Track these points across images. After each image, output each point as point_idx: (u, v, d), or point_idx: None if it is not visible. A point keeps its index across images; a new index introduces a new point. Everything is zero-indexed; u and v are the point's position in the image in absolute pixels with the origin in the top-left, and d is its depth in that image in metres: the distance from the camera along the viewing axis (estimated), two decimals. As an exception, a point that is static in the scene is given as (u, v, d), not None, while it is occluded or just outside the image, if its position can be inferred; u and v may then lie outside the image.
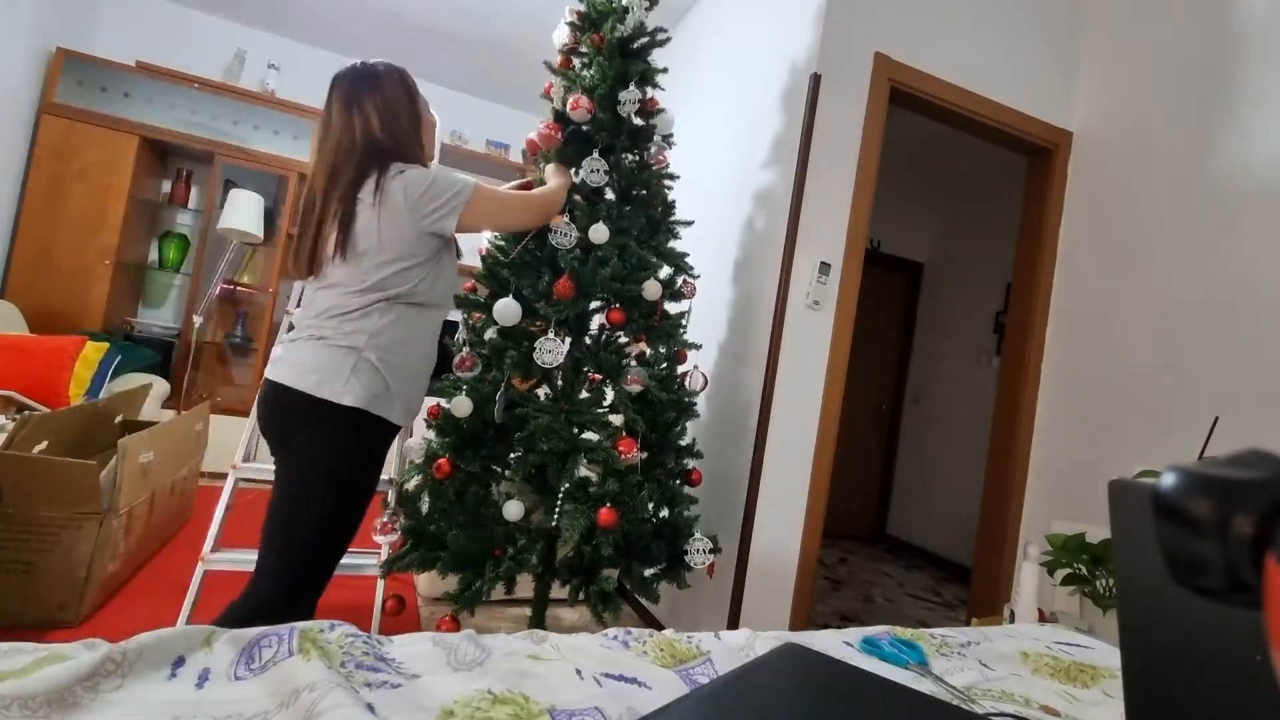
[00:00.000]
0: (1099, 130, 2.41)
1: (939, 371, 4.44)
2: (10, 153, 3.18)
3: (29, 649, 0.57)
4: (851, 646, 0.90)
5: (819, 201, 2.06)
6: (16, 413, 2.41)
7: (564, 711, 0.61)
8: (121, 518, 1.93)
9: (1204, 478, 0.25)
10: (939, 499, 4.22)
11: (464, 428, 1.64)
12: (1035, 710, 0.77)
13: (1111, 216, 2.29)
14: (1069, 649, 1.02)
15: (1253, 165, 1.88)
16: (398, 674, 0.64)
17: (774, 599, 2.02)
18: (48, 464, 1.77)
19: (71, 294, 3.30)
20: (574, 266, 1.63)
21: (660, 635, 0.82)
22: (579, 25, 1.81)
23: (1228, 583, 0.24)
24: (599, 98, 1.69)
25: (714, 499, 2.17)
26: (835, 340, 2.08)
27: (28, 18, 3.13)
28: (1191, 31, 2.12)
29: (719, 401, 2.29)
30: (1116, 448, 2.11)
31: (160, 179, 3.80)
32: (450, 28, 3.65)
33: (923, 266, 4.70)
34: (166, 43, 3.76)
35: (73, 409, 2.22)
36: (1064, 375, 2.36)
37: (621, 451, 1.56)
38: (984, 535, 2.48)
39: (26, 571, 1.75)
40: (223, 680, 0.59)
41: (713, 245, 2.46)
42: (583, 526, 1.48)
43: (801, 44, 2.15)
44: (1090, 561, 1.59)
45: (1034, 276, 2.47)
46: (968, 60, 2.29)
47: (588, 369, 1.71)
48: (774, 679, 0.65)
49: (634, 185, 1.80)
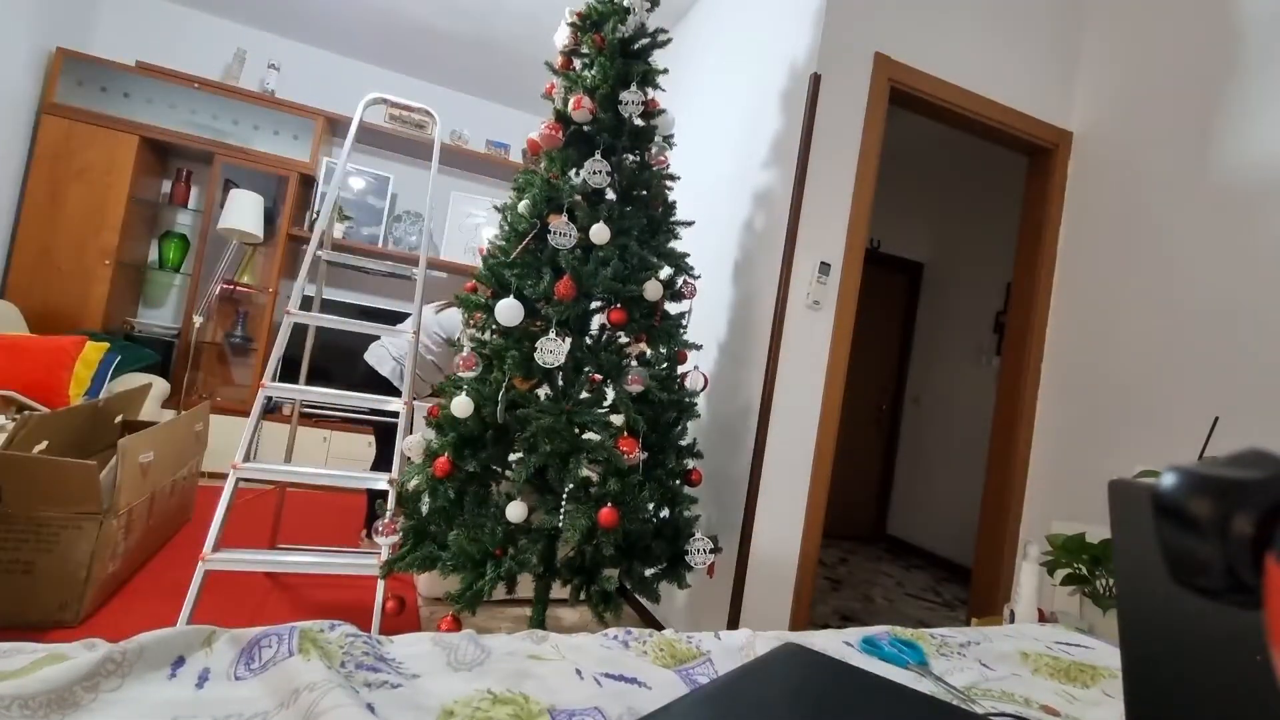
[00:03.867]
0: (1099, 130, 2.41)
1: (939, 371, 4.44)
2: (10, 153, 3.18)
3: (29, 649, 0.57)
4: (851, 646, 0.89)
5: (819, 201, 2.06)
6: (16, 413, 2.41)
7: (564, 711, 0.61)
8: (121, 518, 1.93)
9: (1204, 478, 0.25)
10: (939, 499, 4.22)
11: (465, 428, 1.64)
12: (1035, 710, 0.77)
13: (1111, 216, 2.29)
14: (1069, 649, 1.02)
15: (1253, 165, 1.88)
16: (398, 674, 0.64)
17: (774, 599, 2.02)
18: (48, 464, 1.77)
19: (71, 294, 3.30)
20: (575, 267, 1.63)
21: (660, 635, 0.82)
22: (580, 26, 1.81)
23: (1228, 583, 0.24)
24: (600, 98, 1.69)
25: (714, 499, 2.17)
26: (835, 340, 2.08)
27: (28, 18, 3.13)
28: (1191, 31, 2.12)
29: (719, 401, 2.29)
30: (1116, 448, 2.11)
31: (160, 179, 3.80)
32: (450, 28, 3.65)
33: (923, 266, 4.70)
34: (166, 43, 3.76)
35: (73, 409, 2.22)
36: (1064, 375, 2.36)
37: (623, 451, 1.56)
38: (984, 535, 2.48)
39: (26, 571, 1.75)
40: (223, 680, 0.59)
41: (713, 245, 2.46)
42: (584, 526, 1.48)
43: (801, 44, 2.15)
44: (1090, 561, 1.59)
45: (1034, 276, 2.47)
46: (968, 60, 2.29)
47: (588, 369, 1.71)
48: (774, 679, 0.65)
49: (635, 186, 1.80)
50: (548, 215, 1.67)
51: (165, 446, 2.24)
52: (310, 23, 3.84)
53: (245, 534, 2.53)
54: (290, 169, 3.74)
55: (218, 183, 3.63)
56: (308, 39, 4.05)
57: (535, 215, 1.68)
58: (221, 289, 3.63)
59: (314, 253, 2.12)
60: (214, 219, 3.57)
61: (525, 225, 1.69)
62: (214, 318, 3.77)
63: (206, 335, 3.74)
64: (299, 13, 3.74)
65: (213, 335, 3.81)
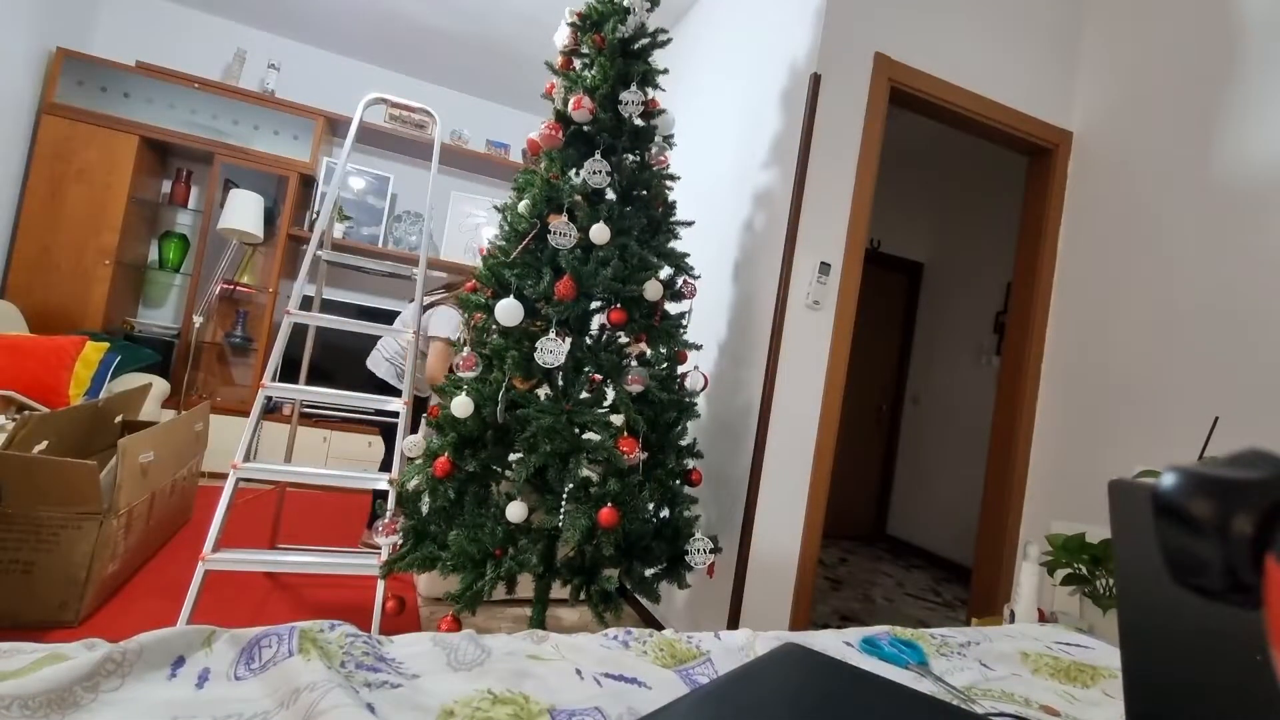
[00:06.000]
0: (1099, 130, 2.41)
1: (939, 371, 4.44)
2: (10, 153, 3.18)
3: (29, 649, 0.57)
4: (851, 646, 0.89)
5: (819, 201, 2.06)
6: (16, 413, 2.41)
7: (564, 711, 0.61)
8: (121, 518, 1.93)
9: (1204, 478, 0.25)
10: (939, 499, 4.22)
11: (465, 428, 1.64)
12: (1035, 710, 0.77)
13: (1111, 216, 2.29)
14: (1069, 649, 1.02)
15: (1253, 164, 1.88)
16: (398, 674, 0.64)
17: (774, 599, 2.02)
18: (48, 464, 1.77)
19: (71, 294, 3.30)
20: (575, 267, 1.63)
21: (660, 635, 0.82)
22: (580, 26, 1.81)
23: (1228, 583, 0.24)
24: (600, 98, 1.69)
25: (714, 499, 2.17)
26: (835, 340, 2.08)
27: (28, 18, 3.13)
28: (1191, 31, 2.12)
29: (719, 401, 2.29)
30: (1116, 448, 2.11)
31: (160, 179, 3.80)
32: (450, 28, 3.65)
33: (923, 266, 4.70)
34: (166, 43, 3.76)
35: (73, 409, 2.22)
36: (1064, 375, 2.36)
37: (623, 451, 1.56)
38: (984, 535, 2.48)
39: (26, 571, 1.75)
40: (223, 680, 0.59)
41: (713, 245, 2.46)
42: (584, 526, 1.48)
43: (801, 44, 2.15)
44: (1090, 561, 1.59)
45: (1034, 276, 2.47)
46: (968, 60, 2.29)
47: (588, 369, 1.71)
48: (774, 679, 0.65)
49: (635, 186, 1.80)
50: (548, 215, 1.67)
51: (165, 446, 2.24)
52: (310, 23, 3.84)
53: (245, 534, 2.54)
54: (290, 169, 3.74)
55: (218, 183, 3.63)
56: (308, 39, 4.04)
57: (535, 215, 1.68)
58: (221, 289, 3.63)
59: (314, 253, 2.12)
60: (214, 219, 3.57)
61: (525, 225, 1.69)
62: (214, 318, 3.77)
63: (206, 335, 3.74)
64: (299, 13, 3.74)
65: (213, 335, 3.80)
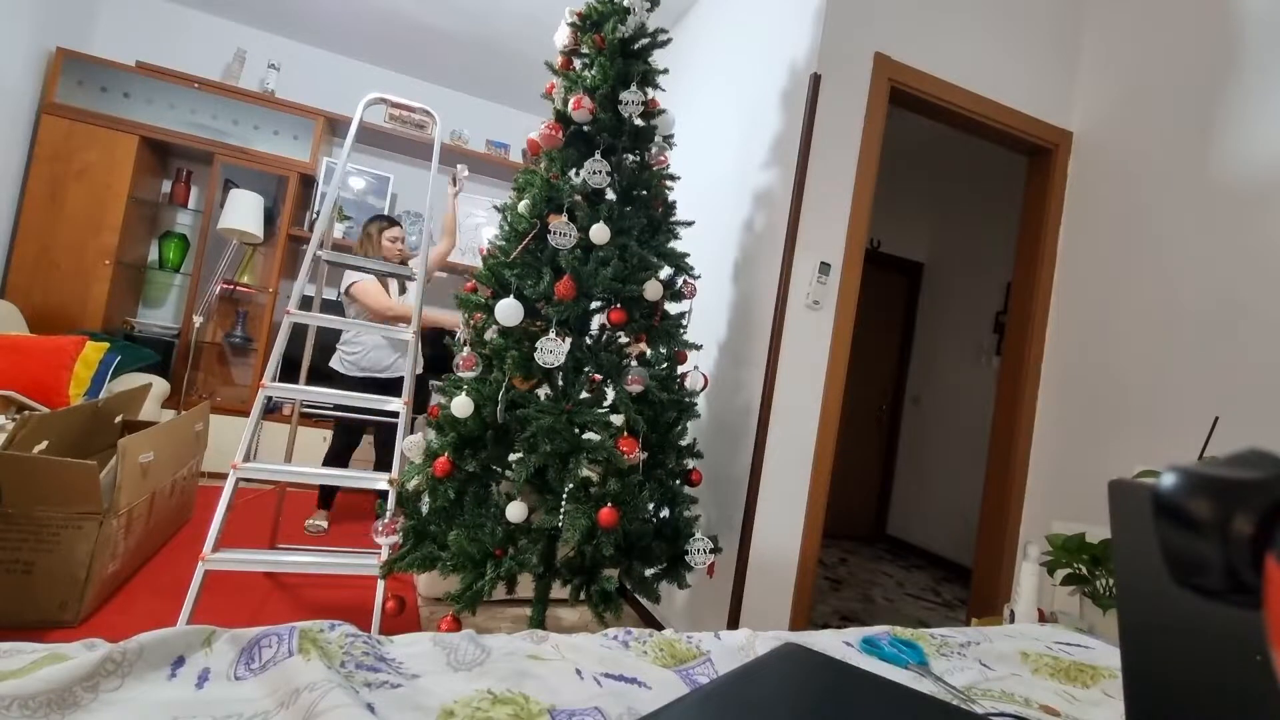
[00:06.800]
0: (1099, 130, 2.41)
1: (939, 371, 4.43)
2: (10, 153, 3.18)
3: (29, 649, 0.57)
4: (851, 646, 0.89)
5: (819, 201, 2.06)
6: (16, 413, 2.40)
7: (564, 711, 0.61)
8: (121, 518, 1.93)
9: (1204, 478, 0.25)
10: (939, 499, 4.22)
11: (465, 428, 1.64)
12: (1035, 710, 0.77)
13: (1111, 216, 2.29)
14: (1069, 649, 1.02)
15: (1253, 164, 1.88)
16: (398, 674, 0.64)
17: (774, 599, 2.02)
18: (48, 464, 1.77)
19: (71, 294, 3.30)
20: (575, 267, 1.63)
21: (660, 635, 0.82)
22: (580, 26, 1.81)
23: (1228, 583, 0.24)
24: (600, 98, 1.69)
25: (714, 499, 2.17)
26: (835, 340, 2.08)
27: (28, 18, 3.13)
28: (1191, 31, 2.12)
29: (719, 401, 2.29)
30: (1116, 448, 2.11)
31: (160, 179, 3.80)
32: (450, 28, 3.65)
33: (923, 266, 4.70)
34: (166, 43, 3.76)
35: (73, 409, 2.22)
36: (1064, 375, 2.36)
37: (623, 451, 1.56)
38: (984, 535, 2.48)
39: (26, 571, 1.75)
40: (223, 680, 0.59)
41: (713, 245, 2.46)
42: (584, 526, 1.48)
43: (801, 44, 2.15)
44: (1090, 561, 1.59)
45: (1034, 276, 2.47)
46: (968, 60, 2.29)
47: (588, 369, 1.71)
48: (774, 679, 0.65)
49: (635, 186, 1.80)
50: (548, 215, 1.67)
51: (165, 446, 2.24)
52: (310, 23, 3.84)
53: (245, 534, 2.54)
54: (290, 169, 3.74)
55: (218, 183, 3.63)
56: (308, 39, 4.04)
57: (535, 215, 1.68)
58: (221, 289, 3.63)
59: (314, 253, 2.12)
60: (214, 219, 3.57)
61: (525, 225, 1.69)
62: (214, 318, 3.76)
63: (206, 335, 3.74)
64: (299, 13, 3.73)
65: (213, 335, 3.80)
